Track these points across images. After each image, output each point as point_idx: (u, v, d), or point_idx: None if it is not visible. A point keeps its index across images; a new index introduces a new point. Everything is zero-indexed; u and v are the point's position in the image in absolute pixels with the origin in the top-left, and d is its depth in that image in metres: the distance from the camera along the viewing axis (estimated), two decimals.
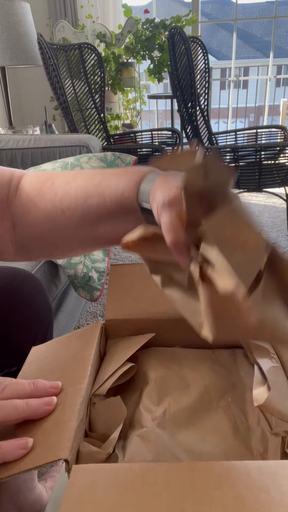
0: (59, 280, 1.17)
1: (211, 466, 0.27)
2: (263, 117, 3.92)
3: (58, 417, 0.33)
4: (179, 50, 1.91)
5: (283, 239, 2.35)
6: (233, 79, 3.33)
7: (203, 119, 2.24)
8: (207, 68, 2.23)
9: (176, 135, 2.07)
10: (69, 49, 2.00)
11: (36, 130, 2.08)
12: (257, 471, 0.26)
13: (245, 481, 0.25)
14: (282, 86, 10.28)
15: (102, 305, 1.70)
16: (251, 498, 0.24)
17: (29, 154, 1.50)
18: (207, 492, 0.24)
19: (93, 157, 1.32)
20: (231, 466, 0.27)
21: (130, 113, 2.95)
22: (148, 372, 0.44)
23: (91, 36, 2.54)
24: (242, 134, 2.35)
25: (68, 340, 0.45)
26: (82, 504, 0.25)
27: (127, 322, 0.49)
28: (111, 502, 0.24)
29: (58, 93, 2.00)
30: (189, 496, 0.24)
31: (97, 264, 1.20)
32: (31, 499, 0.79)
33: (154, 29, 2.46)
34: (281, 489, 0.24)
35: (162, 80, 2.64)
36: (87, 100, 2.11)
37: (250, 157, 1.87)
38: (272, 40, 3.24)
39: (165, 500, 0.24)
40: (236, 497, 0.24)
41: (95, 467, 0.28)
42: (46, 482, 0.90)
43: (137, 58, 2.59)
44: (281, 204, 2.93)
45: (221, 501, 0.23)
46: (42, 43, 1.88)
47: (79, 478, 0.26)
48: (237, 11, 3.17)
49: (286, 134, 2.24)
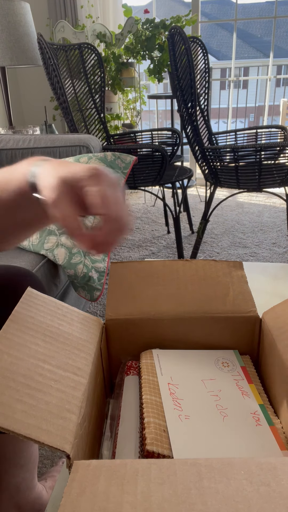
0: (59, 280, 1.17)
1: (212, 462, 0.27)
2: (263, 117, 3.92)
3: (63, 399, 0.33)
4: (179, 50, 1.91)
5: (283, 239, 2.35)
6: (233, 79, 3.34)
7: (203, 119, 2.24)
8: (207, 68, 2.23)
9: (176, 135, 2.07)
10: (69, 49, 2.00)
11: (36, 130, 2.08)
12: (257, 467, 0.26)
13: (246, 475, 0.25)
14: (282, 86, 10.28)
15: (102, 305, 1.71)
16: (252, 491, 0.24)
17: (29, 154, 1.50)
18: (209, 485, 0.24)
19: (93, 157, 1.32)
20: (232, 462, 0.27)
21: (130, 113, 2.95)
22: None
23: (91, 36, 2.55)
24: (242, 134, 2.35)
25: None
26: (83, 497, 0.25)
27: (127, 322, 0.49)
28: (113, 495, 0.25)
29: (58, 93, 2.00)
30: (191, 489, 0.24)
31: (97, 264, 1.20)
32: (31, 498, 0.79)
33: (154, 29, 2.46)
34: (281, 483, 0.25)
35: (162, 80, 2.64)
36: (87, 100, 2.11)
37: (250, 157, 1.87)
38: (272, 40, 3.25)
39: (167, 493, 0.24)
40: (237, 490, 0.24)
41: (96, 463, 0.28)
42: (46, 481, 0.90)
43: (137, 58, 2.59)
44: (281, 204, 2.93)
45: (223, 494, 0.24)
46: (42, 43, 1.88)
47: (80, 473, 0.27)
48: (237, 11, 3.17)
49: (286, 134, 2.24)
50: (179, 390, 0.41)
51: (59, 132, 3.07)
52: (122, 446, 0.39)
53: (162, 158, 1.78)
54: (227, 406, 0.40)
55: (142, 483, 0.25)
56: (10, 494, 0.76)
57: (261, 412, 0.39)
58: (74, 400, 0.34)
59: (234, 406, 0.40)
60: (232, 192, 2.18)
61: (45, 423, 0.30)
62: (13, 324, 0.38)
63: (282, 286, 0.80)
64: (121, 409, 0.44)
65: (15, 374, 0.33)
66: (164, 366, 0.45)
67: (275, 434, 0.37)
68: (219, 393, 0.41)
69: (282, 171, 1.89)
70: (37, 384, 0.33)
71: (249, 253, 2.20)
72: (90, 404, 0.38)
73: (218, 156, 1.99)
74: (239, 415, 0.39)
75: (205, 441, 0.36)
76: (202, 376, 0.43)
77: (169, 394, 0.41)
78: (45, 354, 0.37)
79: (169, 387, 0.42)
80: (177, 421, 0.38)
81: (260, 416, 0.39)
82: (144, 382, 0.44)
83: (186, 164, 3.36)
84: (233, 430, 0.37)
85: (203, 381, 0.43)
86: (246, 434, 0.37)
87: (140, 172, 1.80)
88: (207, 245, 2.33)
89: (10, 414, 0.30)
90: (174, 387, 0.42)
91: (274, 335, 0.44)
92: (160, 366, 0.45)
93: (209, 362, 0.46)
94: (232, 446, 0.36)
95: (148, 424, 0.38)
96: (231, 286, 0.52)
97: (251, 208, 2.91)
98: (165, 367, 0.45)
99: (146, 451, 0.36)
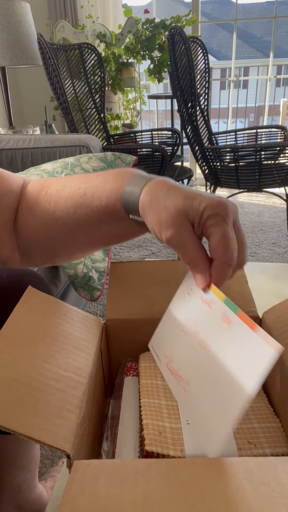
0: (59, 280, 1.17)
1: (211, 462, 0.27)
2: (263, 117, 3.92)
3: (63, 399, 0.33)
4: (179, 50, 1.91)
5: (283, 239, 2.35)
6: (233, 79, 3.34)
7: (203, 119, 2.24)
8: (207, 68, 2.23)
9: (176, 135, 2.07)
10: (69, 49, 2.00)
11: (36, 130, 2.08)
12: (257, 467, 0.26)
13: (246, 475, 0.25)
14: (282, 86, 10.28)
15: (102, 305, 1.71)
16: (251, 490, 0.24)
17: (29, 154, 1.50)
18: (209, 485, 0.24)
19: (93, 157, 1.32)
20: (232, 462, 0.27)
21: (130, 113, 2.95)
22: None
23: (91, 36, 2.55)
24: (242, 134, 2.35)
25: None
26: (83, 497, 0.25)
27: (127, 322, 0.49)
28: (113, 495, 0.25)
29: (58, 93, 2.00)
30: (191, 488, 0.24)
31: (97, 264, 1.20)
32: (31, 499, 0.79)
33: (154, 29, 2.46)
34: (281, 482, 0.25)
35: (162, 80, 2.64)
36: (87, 100, 2.11)
37: (250, 157, 1.87)
38: (272, 40, 3.25)
39: (167, 492, 0.24)
40: (237, 489, 0.24)
41: (96, 462, 0.28)
42: (46, 482, 0.90)
43: (137, 58, 2.59)
44: (281, 204, 2.93)
45: (223, 493, 0.24)
46: (42, 43, 1.88)
47: (80, 473, 0.27)
48: (237, 11, 3.17)
49: (286, 134, 2.24)
50: (175, 362, 0.40)
51: (59, 132, 3.07)
52: (121, 446, 0.39)
53: (162, 158, 1.78)
54: (204, 333, 0.37)
55: (142, 483, 0.25)
56: (12, 495, 0.76)
57: (227, 308, 0.35)
58: (74, 400, 0.34)
59: (207, 325, 0.37)
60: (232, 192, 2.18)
61: (46, 422, 0.30)
62: (14, 323, 0.38)
63: (282, 286, 0.80)
64: (121, 409, 0.44)
65: (15, 373, 0.33)
66: (160, 352, 0.44)
67: (243, 318, 0.34)
68: (197, 327, 0.38)
69: (282, 171, 1.89)
70: (37, 383, 0.33)
71: (249, 253, 2.20)
72: (90, 404, 0.38)
73: (218, 156, 1.99)
74: (213, 329, 0.36)
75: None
76: (182, 326, 0.40)
77: (170, 373, 0.40)
78: (45, 353, 0.37)
79: (168, 366, 0.41)
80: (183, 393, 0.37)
81: (228, 313, 0.35)
82: (142, 386, 0.44)
83: (186, 164, 3.37)
84: (216, 348, 0.35)
85: (184, 331, 0.40)
86: (226, 342, 0.34)
87: None
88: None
89: (11, 413, 0.30)
90: (171, 362, 0.41)
91: (274, 335, 0.45)
92: (157, 355, 0.44)
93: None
94: (220, 368, 0.34)
95: (146, 426, 0.38)
96: (231, 286, 0.52)
97: (251, 208, 2.91)
98: (160, 352, 0.44)
99: (146, 451, 0.36)
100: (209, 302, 0.37)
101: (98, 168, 1.28)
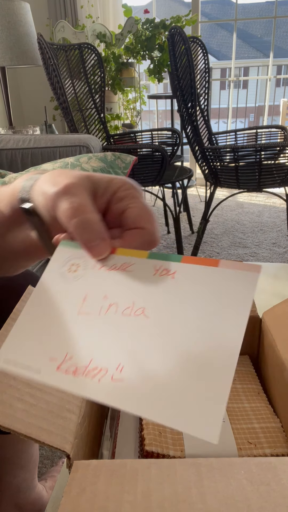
0: None
1: (211, 462, 0.27)
2: (263, 117, 3.92)
3: (63, 399, 0.33)
4: (179, 50, 1.91)
5: (283, 239, 2.35)
6: (233, 79, 3.34)
7: (203, 119, 2.24)
8: (207, 68, 2.23)
9: (176, 135, 2.07)
10: (69, 49, 2.00)
11: (36, 130, 2.08)
12: (257, 466, 0.26)
13: (246, 475, 0.25)
14: (282, 86, 10.28)
15: None
16: (252, 490, 0.24)
17: (29, 154, 1.50)
18: (209, 485, 0.24)
19: (93, 157, 1.32)
20: (232, 462, 0.27)
21: (130, 113, 2.95)
22: None
23: (91, 36, 2.55)
24: (242, 134, 2.35)
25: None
26: (83, 497, 0.25)
27: None
28: (113, 495, 0.25)
29: (58, 93, 2.00)
30: (191, 488, 0.24)
31: None
32: (31, 499, 0.79)
33: (154, 29, 2.46)
34: (281, 482, 0.25)
35: (162, 80, 2.64)
36: (87, 100, 2.11)
37: (250, 157, 1.87)
38: (272, 40, 3.25)
39: (167, 492, 0.24)
40: (237, 489, 0.24)
41: (97, 462, 0.28)
42: (46, 482, 0.90)
43: (137, 58, 2.59)
44: (281, 204, 2.93)
45: (223, 493, 0.24)
46: (42, 43, 1.88)
47: (80, 473, 0.27)
48: (237, 11, 3.17)
49: (286, 134, 2.24)
50: (82, 356, 0.28)
51: (59, 132, 3.07)
52: (121, 446, 0.39)
53: (162, 158, 1.78)
54: (128, 300, 0.28)
55: (142, 483, 0.25)
56: (11, 495, 0.76)
57: (159, 261, 0.29)
58: (74, 400, 0.34)
59: (133, 290, 0.29)
60: (232, 192, 2.18)
61: (46, 422, 0.30)
62: (14, 322, 0.38)
63: (282, 286, 0.80)
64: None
65: None
66: (32, 360, 0.37)
67: (192, 261, 0.28)
68: (114, 299, 0.29)
69: (282, 171, 1.89)
70: (37, 383, 0.33)
71: (249, 253, 2.20)
72: (90, 404, 0.38)
73: (218, 156, 1.99)
74: (146, 290, 0.28)
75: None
76: (77, 310, 0.30)
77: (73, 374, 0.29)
78: None
79: (61, 368, 0.32)
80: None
81: (164, 266, 0.29)
82: None
83: (186, 164, 3.37)
84: (163, 308, 0.27)
85: (85, 313, 0.29)
86: (173, 296, 0.27)
87: (140, 172, 1.80)
88: (207, 245, 2.33)
89: (11, 413, 0.30)
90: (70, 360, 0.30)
91: (274, 335, 0.44)
92: (28, 366, 0.42)
93: None
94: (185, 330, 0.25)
95: (146, 425, 0.38)
96: None
97: (251, 208, 2.91)
98: (34, 359, 0.35)
99: (145, 451, 0.36)
100: (120, 267, 0.30)
101: (98, 168, 1.28)
